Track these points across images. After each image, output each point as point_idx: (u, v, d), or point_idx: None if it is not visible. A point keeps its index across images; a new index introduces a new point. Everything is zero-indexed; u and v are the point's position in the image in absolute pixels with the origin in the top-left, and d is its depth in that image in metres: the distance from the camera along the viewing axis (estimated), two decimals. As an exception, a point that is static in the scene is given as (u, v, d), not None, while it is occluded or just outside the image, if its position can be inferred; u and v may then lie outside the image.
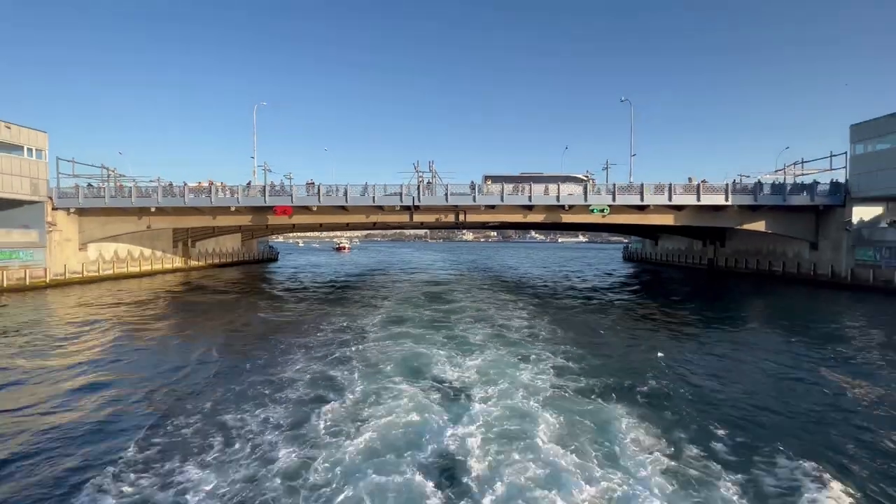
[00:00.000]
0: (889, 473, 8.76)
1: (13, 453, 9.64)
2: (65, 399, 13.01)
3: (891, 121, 34.99)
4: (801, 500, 7.78)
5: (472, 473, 8.58)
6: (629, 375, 14.58)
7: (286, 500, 7.83)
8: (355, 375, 14.50)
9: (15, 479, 8.67)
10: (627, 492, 7.88)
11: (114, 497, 7.90)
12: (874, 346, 19.61)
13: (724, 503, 7.72)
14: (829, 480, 8.29)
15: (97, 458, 9.35)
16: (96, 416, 11.76)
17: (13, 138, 37.45)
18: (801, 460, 9.02)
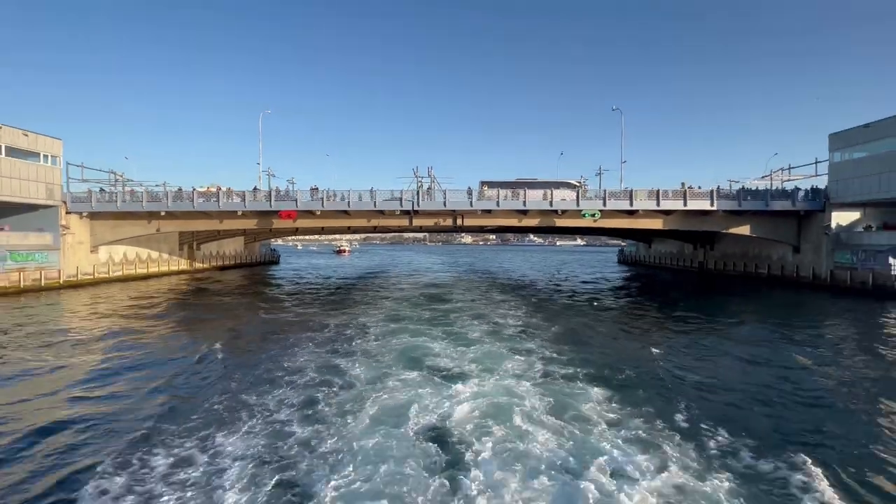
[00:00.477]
0: (841, 445, 10.49)
1: (68, 422, 11.34)
2: (101, 382, 14.71)
3: (865, 131, 36.87)
4: (759, 470, 9.36)
5: (464, 439, 10.27)
6: (612, 365, 16.28)
7: (302, 460, 9.47)
8: (358, 364, 16.22)
9: (72, 442, 10.36)
10: (601, 457, 9.34)
11: (164, 456, 9.58)
12: (839, 344, 21.34)
13: (676, 462, 9.36)
14: (790, 456, 9.86)
15: (146, 427, 11.04)
16: (132, 396, 13.46)
17: (30, 145, 39.21)
18: (763, 437, 10.70)
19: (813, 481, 8.50)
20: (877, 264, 35.55)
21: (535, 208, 42.35)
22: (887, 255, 34.80)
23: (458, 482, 8.44)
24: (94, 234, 44.94)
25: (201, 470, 8.99)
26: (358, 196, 42.59)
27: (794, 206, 40.99)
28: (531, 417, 11.46)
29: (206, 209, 43.05)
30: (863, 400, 13.22)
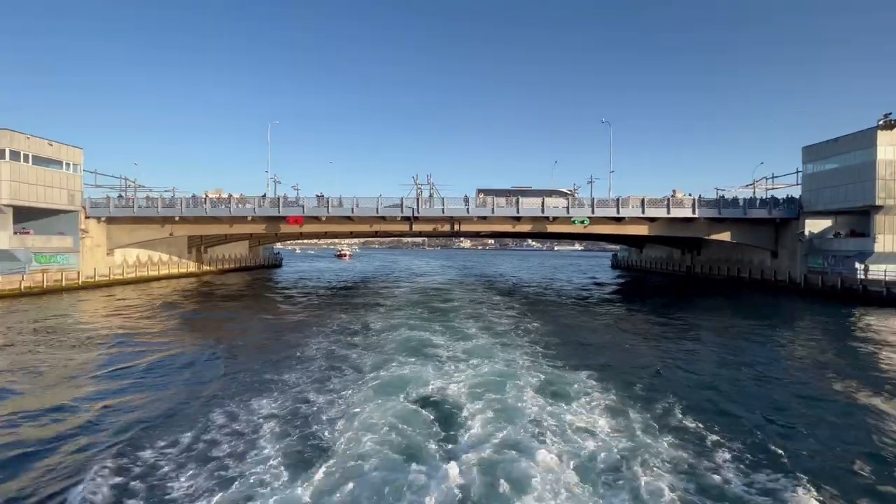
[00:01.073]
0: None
1: (115, 398, 13.85)
2: (139, 369, 17.21)
3: (834, 145, 39.63)
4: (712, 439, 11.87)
5: (458, 403, 12.74)
6: (595, 355, 18.82)
7: (320, 418, 11.87)
8: (364, 351, 18.75)
9: (118, 419, 12.85)
10: (579, 429, 11.56)
11: (218, 414, 12.05)
12: (792, 343, 23.92)
13: (633, 420, 11.80)
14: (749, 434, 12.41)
15: (206, 389, 13.54)
16: (181, 374, 15.97)
17: (54, 154, 41.77)
18: (704, 406, 13.20)
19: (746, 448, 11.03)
20: (845, 269, 38.19)
21: (528, 215, 45.00)
22: (854, 260, 37.44)
23: (451, 435, 10.89)
24: (111, 238, 47.44)
25: (243, 424, 11.45)
26: (361, 202, 45.18)
27: (770, 214, 43.71)
28: (518, 387, 13.99)
29: (217, 214, 45.61)
30: (812, 388, 15.73)
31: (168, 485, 8.65)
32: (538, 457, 9.44)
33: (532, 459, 9.35)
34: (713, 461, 9.63)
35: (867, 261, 36.60)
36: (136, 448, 10.16)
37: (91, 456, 9.84)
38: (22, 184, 38.70)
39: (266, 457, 9.68)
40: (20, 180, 38.55)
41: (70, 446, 10.37)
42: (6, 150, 37.60)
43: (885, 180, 35.73)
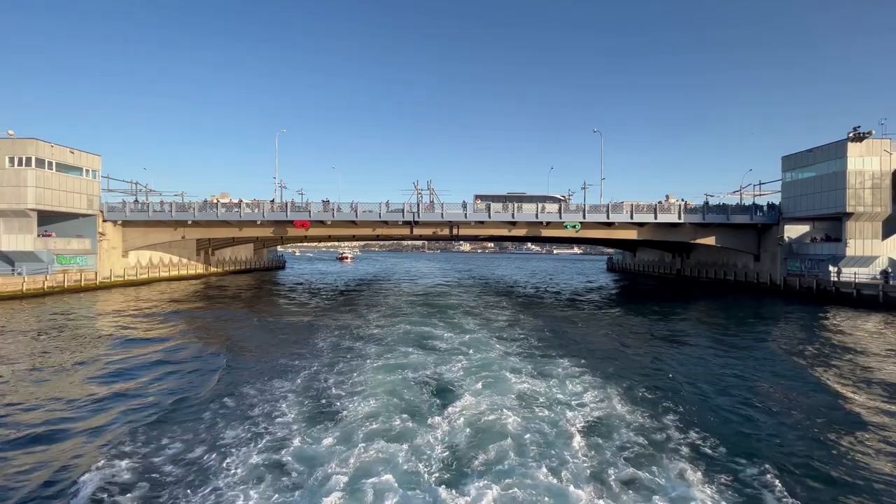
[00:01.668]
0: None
1: (148, 382, 16.22)
2: (175, 355, 19.58)
3: (809, 155, 42.10)
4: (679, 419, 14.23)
5: (455, 382, 15.09)
6: (580, 346, 21.18)
7: (332, 392, 14.18)
8: (370, 342, 21.12)
9: (145, 399, 15.20)
10: (559, 400, 13.85)
11: (249, 388, 14.37)
12: (773, 340, 26.29)
13: (613, 398, 14.12)
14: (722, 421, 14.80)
15: (220, 376, 15.90)
16: (211, 359, 18.34)
17: (75, 161, 44.21)
18: (670, 387, 15.60)
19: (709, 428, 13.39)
20: (820, 271, 40.56)
21: (523, 220, 47.43)
22: (828, 263, 39.81)
23: (445, 402, 13.23)
24: (126, 240, 49.83)
25: (268, 394, 13.80)
26: (365, 208, 47.59)
27: (752, 219, 46.15)
28: (507, 369, 16.36)
29: (228, 218, 48.03)
30: (774, 370, 18.13)
31: (219, 435, 11.02)
32: (518, 415, 11.80)
33: (512, 417, 11.71)
34: (671, 430, 12.01)
35: (840, 264, 38.98)
36: (185, 409, 12.56)
37: (153, 408, 12.25)
38: (46, 189, 41.12)
39: (290, 416, 12.05)
40: (44, 186, 40.98)
41: (124, 413, 12.77)
42: (32, 158, 40.05)
43: (855, 189, 38.17)
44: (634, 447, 10.44)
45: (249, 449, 10.12)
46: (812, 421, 12.35)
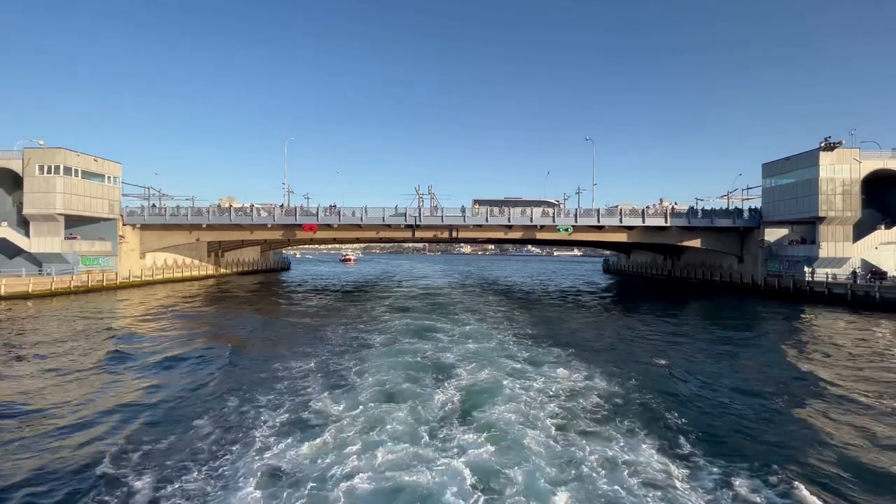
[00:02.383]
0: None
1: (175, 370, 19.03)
2: (194, 346, 22.39)
3: (786, 162, 44.84)
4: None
5: (455, 363, 17.84)
6: (569, 336, 23.92)
7: (345, 369, 16.95)
8: (376, 333, 23.90)
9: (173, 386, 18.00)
10: (548, 378, 16.63)
11: (277, 366, 17.14)
12: (745, 334, 29.02)
13: (595, 379, 16.88)
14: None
15: (241, 361, 18.69)
16: (221, 350, 21.15)
17: (98, 169, 47.15)
18: (648, 371, 18.34)
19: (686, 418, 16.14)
20: (796, 272, 43.24)
21: (518, 223, 50.22)
22: (803, 264, 42.50)
23: (444, 377, 15.98)
24: (144, 243, 52.74)
25: (290, 374, 16.55)
26: (370, 212, 50.46)
27: (734, 223, 48.88)
28: (500, 355, 19.09)
29: (240, 222, 50.93)
30: (744, 362, 20.88)
31: (253, 400, 13.81)
32: (507, 389, 14.54)
33: (501, 389, 14.44)
34: (633, 394, 14.78)
35: (814, 265, 41.67)
36: (223, 380, 15.39)
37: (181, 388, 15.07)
38: (72, 195, 44.05)
39: (311, 387, 14.83)
40: (71, 192, 43.91)
41: (163, 393, 15.60)
42: (61, 167, 43.00)
43: (827, 195, 40.88)
44: (600, 410, 13.14)
45: (278, 409, 12.84)
46: (780, 397, 14.90)
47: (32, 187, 42.81)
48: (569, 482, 9.00)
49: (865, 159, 41.48)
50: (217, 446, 10.60)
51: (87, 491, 8.83)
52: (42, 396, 14.20)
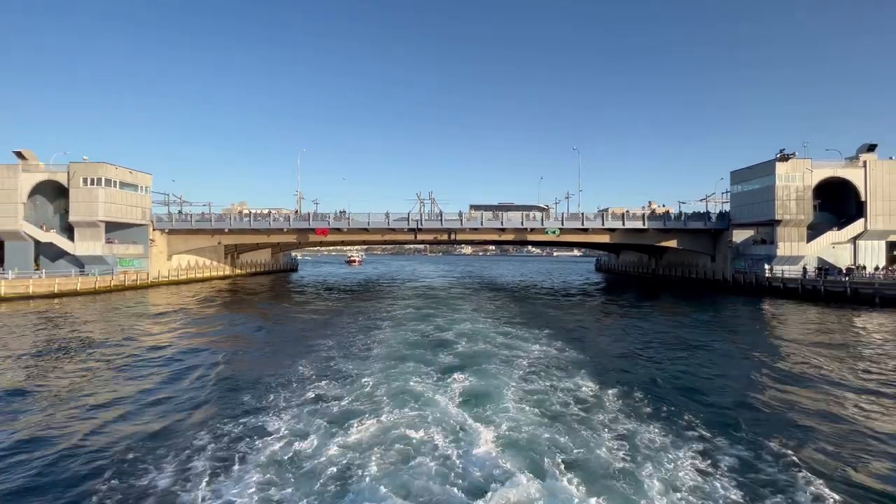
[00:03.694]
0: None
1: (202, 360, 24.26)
2: (221, 336, 27.63)
3: (750, 171, 49.98)
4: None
5: (455, 340, 23.00)
6: (553, 324, 29.09)
7: (356, 349, 22.08)
8: (385, 322, 29.11)
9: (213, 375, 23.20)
10: (530, 350, 21.92)
11: (302, 345, 22.31)
12: (713, 321, 34.16)
13: (567, 354, 22.04)
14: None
15: (262, 350, 23.89)
16: (258, 334, 26.36)
17: (133, 180, 52.50)
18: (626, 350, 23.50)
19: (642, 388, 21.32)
20: (758, 269, 48.36)
21: (511, 227, 55.44)
22: (763, 262, 47.63)
23: (444, 349, 21.10)
24: (171, 246, 58.05)
25: (313, 348, 21.74)
26: (373, 217, 55.72)
27: (705, 225, 54.04)
28: (492, 332, 24.27)
29: (258, 227, 56.25)
30: (712, 348, 26.06)
31: (283, 368, 19.00)
32: (493, 352, 19.71)
33: (495, 356, 19.56)
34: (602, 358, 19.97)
35: (773, 263, 46.82)
36: (253, 354, 20.61)
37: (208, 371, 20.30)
38: (112, 204, 49.40)
39: (333, 357, 20.03)
40: (110, 201, 49.25)
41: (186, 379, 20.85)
42: (102, 179, 48.37)
43: (782, 200, 46.01)
44: (558, 363, 18.29)
45: (305, 374, 17.99)
46: (735, 369, 20.17)
47: (77, 197, 48.17)
48: (527, 401, 13.89)
49: (817, 168, 46.67)
50: (277, 384, 15.76)
51: (145, 445, 10.67)
52: (115, 366, 19.44)
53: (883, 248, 47.82)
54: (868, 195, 46.39)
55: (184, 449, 10.45)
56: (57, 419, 12.49)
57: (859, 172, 46.61)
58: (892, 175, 46.31)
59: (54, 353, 20.64)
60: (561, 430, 11.36)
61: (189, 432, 11.45)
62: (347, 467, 9.49)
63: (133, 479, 9.21)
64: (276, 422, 11.99)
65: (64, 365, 18.43)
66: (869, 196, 46.40)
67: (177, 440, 11.01)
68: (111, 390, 15.19)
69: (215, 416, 12.57)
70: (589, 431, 11.35)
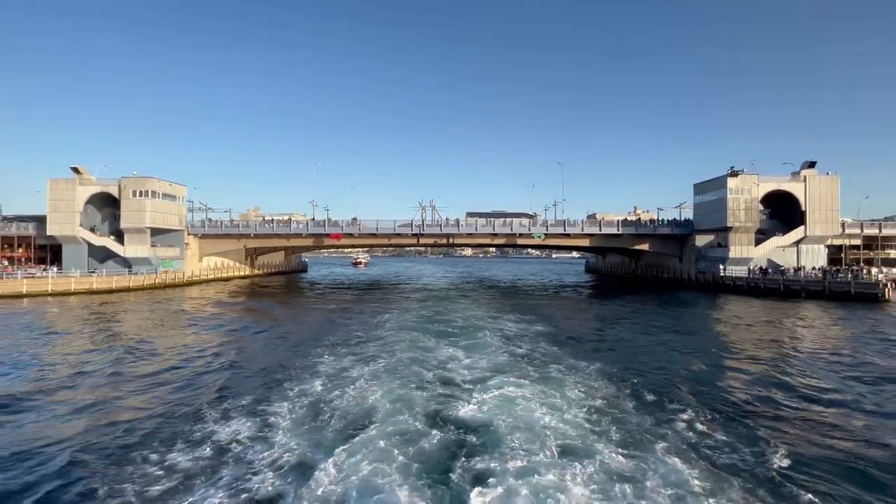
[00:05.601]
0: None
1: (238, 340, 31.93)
2: (258, 323, 35.28)
3: (708, 184, 57.51)
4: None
5: (457, 325, 30.56)
6: (532, 309, 36.64)
7: (366, 332, 29.62)
8: (392, 313, 36.72)
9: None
10: (514, 328, 29.50)
11: (326, 329, 29.86)
12: (677, 309, 41.67)
13: (543, 334, 29.56)
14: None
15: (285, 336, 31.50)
16: (277, 329, 33.98)
17: (172, 191, 60.29)
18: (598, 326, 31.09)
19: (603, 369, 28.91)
20: (714, 269, 55.85)
21: (501, 232, 63.09)
22: (719, 263, 55.12)
23: (447, 330, 28.66)
24: (202, 248, 65.80)
25: (333, 332, 29.33)
26: (381, 223, 63.45)
27: (672, 231, 61.58)
28: (485, 317, 31.82)
29: (280, 232, 63.99)
30: (679, 333, 33.63)
31: (303, 349, 26.61)
32: (480, 327, 27.31)
33: (478, 330, 27.16)
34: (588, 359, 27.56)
35: (726, 264, 54.31)
36: (276, 338, 28.27)
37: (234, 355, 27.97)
38: (156, 213, 57.20)
39: (351, 341, 27.65)
40: (155, 210, 57.07)
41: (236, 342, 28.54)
42: (149, 191, 56.19)
43: (734, 210, 53.52)
44: (533, 336, 25.82)
45: (343, 336, 25.59)
46: (694, 350, 27.73)
47: (127, 207, 55.99)
48: (503, 360, 21.26)
49: (764, 182, 54.21)
50: (320, 342, 23.33)
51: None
52: (172, 343, 27.07)
53: (823, 250, 55.32)
54: (808, 206, 53.89)
55: (272, 372, 18.07)
56: (189, 353, 20.17)
57: (800, 186, 54.12)
58: (828, 188, 53.82)
59: (164, 321, 28.43)
60: (524, 365, 18.67)
61: (274, 365, 19.06)
62: (373, 380, 16.78)
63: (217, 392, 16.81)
64: (327, 358, 19.70)
65: (171, 324, 26.15)
66: (808, 206, 53.90)
67: (262, 367, 18.61)
68: (217, 342, 22.90)
69: (290, 358, 20.22)
70: (542, 363, 18.85)
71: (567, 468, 9.63)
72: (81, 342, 23.75)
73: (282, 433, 11.54)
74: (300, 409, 13.24)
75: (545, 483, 9.04)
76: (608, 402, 13.91)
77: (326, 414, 12.82)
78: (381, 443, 10.85)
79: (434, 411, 13.03)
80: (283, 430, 11.76)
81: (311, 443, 10.95)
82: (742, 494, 8.88)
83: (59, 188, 56.36)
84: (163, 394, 15.16)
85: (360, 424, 12.00)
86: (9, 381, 16.59)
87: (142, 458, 10.34)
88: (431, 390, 15.01)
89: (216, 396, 14.63)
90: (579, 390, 15.10)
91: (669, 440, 11.15)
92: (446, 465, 9.96)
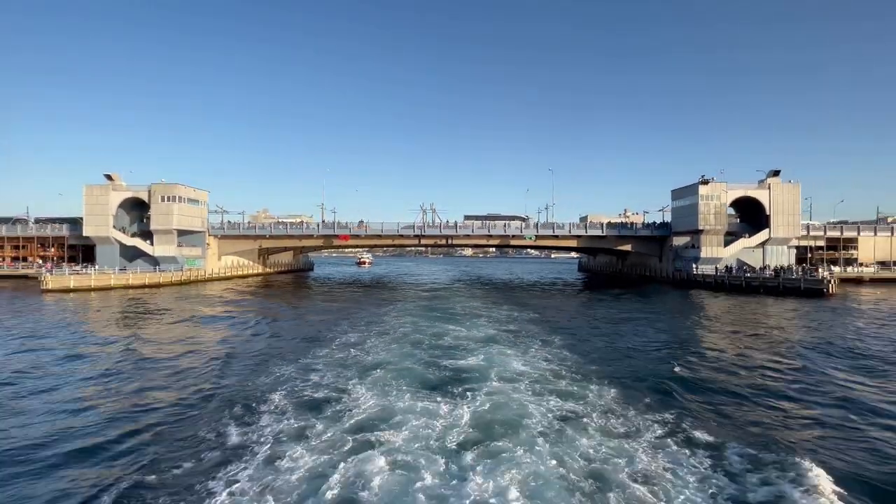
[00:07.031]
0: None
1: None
2: (271, 314, 41.05)
3: (683, 190, 63.36)
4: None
5: (458, 312, 36.31)
6: (520, 301, 42.38)
7: (370, 325, 35.33)
8: (400, 303, 42.49)
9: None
10: (504, 316, 35.25)
11: (309, 336, 35.60)
12: (659, 306, 47.46)
13: (533, 325, 35.30)
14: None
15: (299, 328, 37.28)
16: (288, 321, 39.75)
17: (195, 196, 66.04)
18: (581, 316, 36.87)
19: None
20: (689, 268, 61.68)
21: (496, 233, 68.92)
22: (692, 262, 60.95)
23: (448, 317, 34.41)
24: (221, 248, 71.52)
25: (341, 321, 35.07)
26: (385, 225, 69.23)
27: (652, 233, 67.42)
28: (479, 307, 37.61)
29: (292, 233, 69.77)
30: (658, 321, 39.43)
31: (318, 333, 32.37)
32: (476, 312, 33.09)
33: (481, 315, 32.92)
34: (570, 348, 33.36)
35: (699, 263, 60.15)
36: (293, 323, 34.09)
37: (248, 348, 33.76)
38: (182, 216, 62.97)
39: (360, 329, 33.41)
40: (181, 214, 62.82)
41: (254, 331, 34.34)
42: (176, 196, 61.95)
43: (705, 214, 59.36)
44: (518, 322, 31.57)
45: (355, 322, 31.30)
46: (666, 334, 33.51)
47: (157, 210, 61.75)
48: (490, 336, 27.01)
49: (732, 189, 60.05)
50: (339, 325, 29.05)
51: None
52: (199, 328, 32.80)
53: (786, 251, 61.17)
54: (772, 210, 59.73)
55: (300, 352, 23.85)
56: (234, 329, 25.95)
57: (765, 193, 59.97)
58: (790, 195, 59.70)
59: (212, 305, 34.19)
60: (512, 339, 24.41)
61: (300, 339, 24.81)
62: (388, 344, 22.55)
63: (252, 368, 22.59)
64: (348, 332, 25.61)
65: (212, 306, 31.92)
66: (773, 211, 59.74)
67: (301, 336, 24.37)
68: (264, 319, 28.69)
69: (320, 331, 26.00)
70: (527, 336, 24.73)
71: (537, 397, 14.94)
72: (171, 321, 30.09)
73: (322, 373, 17.55)
74: (334, 359, 19.40)
75: (517, 398, 14.64)
76: (567, 359, 19.77)
77: (351, 365, 18.72)
78: (392, 374, 16.98)
79: (435, 360, 19.01)
80: (323, 371, 17.82)
81: (343, 378, 16.90)
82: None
83: (93, 193, 62.11)
84: (245, 338, 21.34)
85: (377, 367, 17.94)
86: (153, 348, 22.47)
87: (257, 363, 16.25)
88: (433, 351, 20.87)
89: (277, 353, 20.72)
90: (547, 351, 21.03)
91: (607, 375, 17.05)
92: (444, 388, 15.72)
